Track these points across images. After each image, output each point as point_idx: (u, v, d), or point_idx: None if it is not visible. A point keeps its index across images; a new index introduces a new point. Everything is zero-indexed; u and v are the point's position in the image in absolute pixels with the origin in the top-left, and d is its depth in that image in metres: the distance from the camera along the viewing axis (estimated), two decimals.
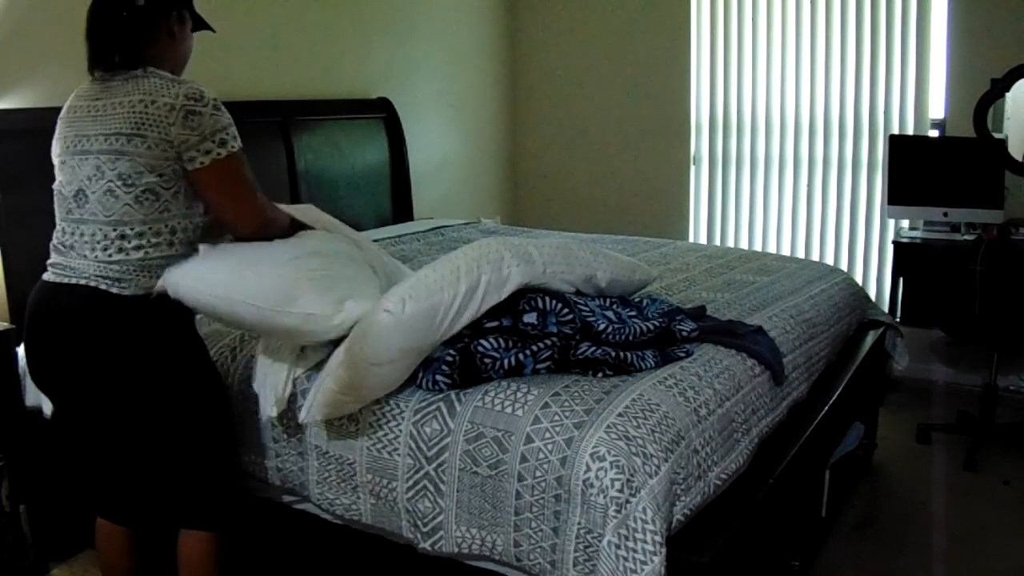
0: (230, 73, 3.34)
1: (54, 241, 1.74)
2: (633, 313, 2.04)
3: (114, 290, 1.65)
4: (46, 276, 1.73)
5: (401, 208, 4.08)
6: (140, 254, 1.66)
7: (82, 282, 1.65)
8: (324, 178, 3.64)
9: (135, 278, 1.66)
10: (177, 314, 1.73)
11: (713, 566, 1.56)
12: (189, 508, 1.80)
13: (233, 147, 1.68)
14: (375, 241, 3.37)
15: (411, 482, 1.74)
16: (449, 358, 1.78)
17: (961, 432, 3.41)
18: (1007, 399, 3.76)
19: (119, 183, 1.63)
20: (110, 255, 1.65)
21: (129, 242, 1.65)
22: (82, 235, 1.67)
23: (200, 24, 1.90)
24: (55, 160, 1.75)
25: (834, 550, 2.59)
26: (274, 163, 3.43)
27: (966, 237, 3.61)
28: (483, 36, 4.82)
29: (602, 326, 1.87)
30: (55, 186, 1.74)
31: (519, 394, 1.71)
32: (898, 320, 3.59)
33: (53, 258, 1.73)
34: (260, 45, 3.47)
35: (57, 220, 1.74)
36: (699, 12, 4.48)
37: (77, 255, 1.67)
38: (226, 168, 1.68)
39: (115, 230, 1.65)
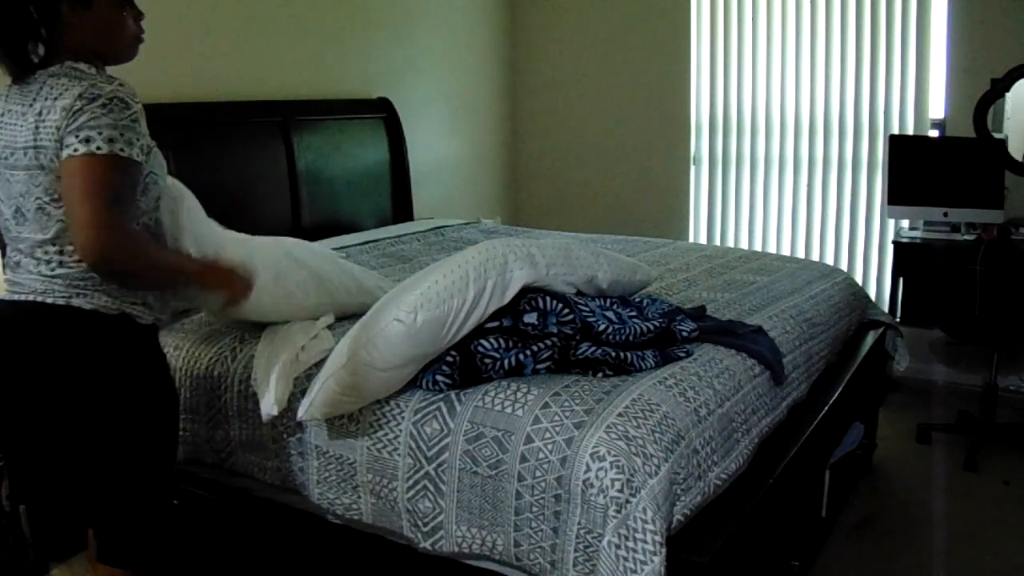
0: (230, 73, 3.34)
1: (5, 259, 1.61)
2: (633, 313, 2.04)
3: (60, 302, 1.51)
4: (2, 295, 1.61)
5: (401, 208, 4.08)
6: (83, 265, 1.50)
7: (31, 298, 1.53)
8: (324, 178, 3.64)
9: (80, 289, 1.52)
10: (129, 331, 1.58)
11: (713, 566, 1.56)
12: (107, 541, 1.68)
13: (99, 148, 1.41)
14: (376, 241, 3.40)
15: (411, 482, 1.74)
16: (449, 358, 1.78)
17: (961, 432, 3.41)
18: (1007, 399, 3.75)
19: (47, 199, 1.49)
20: (52, 269, 1.52)
21: (70, 256, 1.51)
22: (24, 252, 1.55)
23: None
24: None
25: (834, 550, 2.59)
26: (274, 163, 3.43)
27: (966, 237, 3.61)
28: (483, 36, 4.81)
29: (602, 326, 1.87)
30: None
31: (519, 394, 1.71)
32: (898, 320, 3.59)
33: (6, 275, 1.61)
34: (260, 45, 3.47)
35: (5, 238, 1.60)
36: (699, 12, 4.47)
37: (24, 271, 1.56)
38: (79, 170, 1.41)
39: (54, 246, 1.52)
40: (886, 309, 3.74)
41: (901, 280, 3.75)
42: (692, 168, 4.64)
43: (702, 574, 1.55)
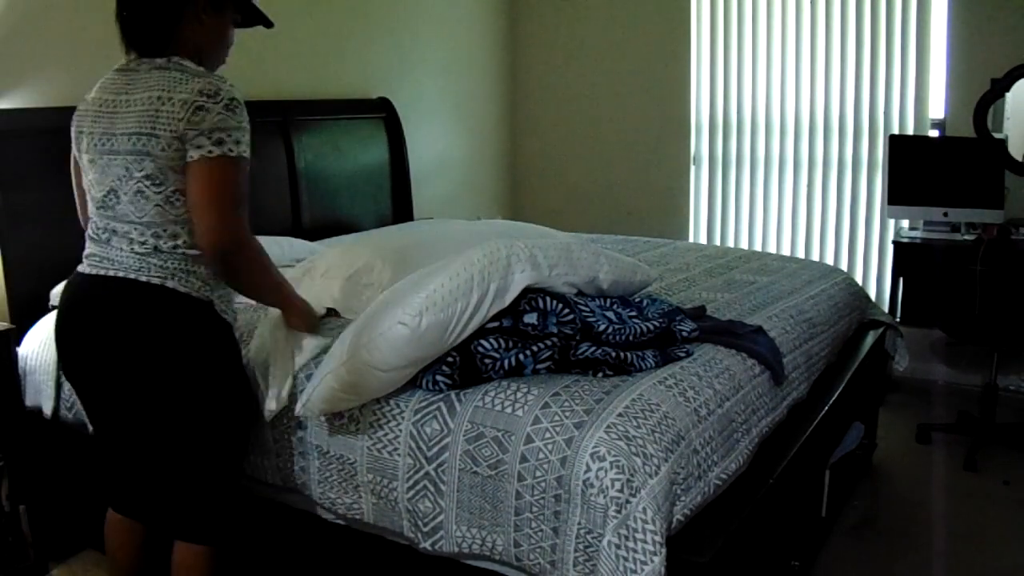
0: (230, 73, 3.32)
1: (90, 232, 1.71)
2: (633, 313, 2.04)
3: (155, 281, 1.61)
4: (82, 268, 1.70)
5: (401, 208, 4.08)
6: (178, 251, 1.63)
7: (121, 274, 1.63)
8: (324, 178, 3.64)
9: (173, 272, 1.63)
10: (215, 317, 1.69)
11: (713, 566, 1.56)
12: (188, 519, 1.77)
13: (231, 151, 1.57)
14: None
15: (411, 482, 1.74)
16: (450, 359, 1.78)
17: (961, 432, 3.41)
18: (1007, 399, 3.75)
19: (148, 184, 1.59)
20: (147, 249, 1.62)
21: (164, 241, 1.62)
22: (116, 232, 1.64)
23: (253, 19, 1.86)
24: (83, 157, 1.69)
25: (834, 550, 2.59)
26: (274, 163, 3.43)
27: (966, 237, 3.61)
28: (483, 36, 4.81)
29: (602, 326, 1.87)
30: (84, 184, 1.71)
31: (519, 394, 1.71)
32: (898, 320, 3.59)
33: (90, 248, 1.70)
34: (260, 45, 3.46)
35: (90, 213, 1.71)
36: (699, 12, 4.48)
37: (115, 248, 1.64)
38: (214, 170, 1.57)
39: (149, 229, 1.62)
40: (886, 309, 3.74)
41: (901, 280, 3.76)
42: (692, 168, 4.64)
43: (702, 574, 1.55)
